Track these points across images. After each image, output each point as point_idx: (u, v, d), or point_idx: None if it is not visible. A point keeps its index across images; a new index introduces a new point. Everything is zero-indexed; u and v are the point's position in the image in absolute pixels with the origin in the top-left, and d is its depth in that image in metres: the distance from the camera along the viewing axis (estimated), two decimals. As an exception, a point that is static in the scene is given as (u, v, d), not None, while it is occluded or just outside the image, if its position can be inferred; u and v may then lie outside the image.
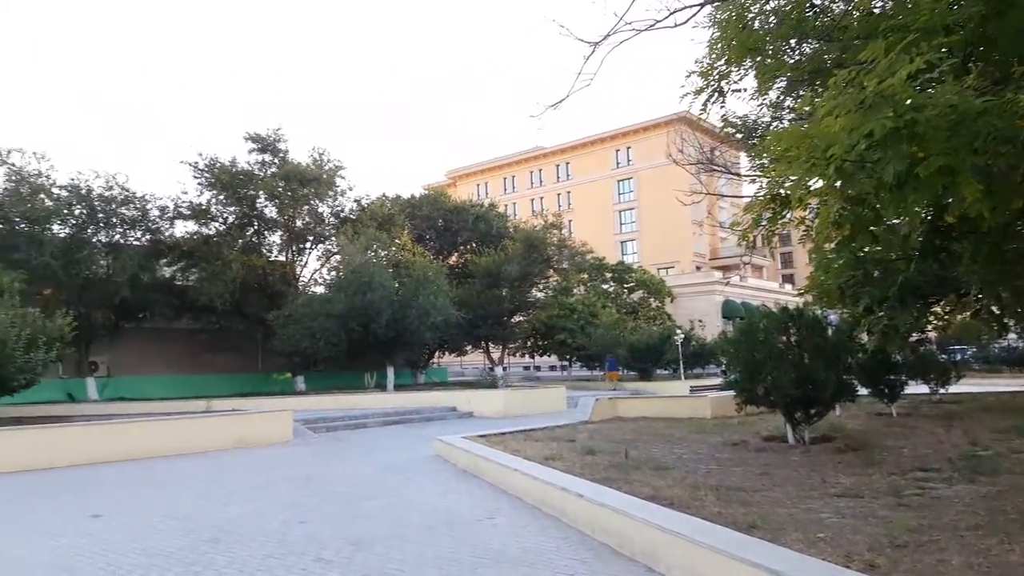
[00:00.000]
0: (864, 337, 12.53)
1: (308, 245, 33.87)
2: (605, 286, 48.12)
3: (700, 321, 51.30)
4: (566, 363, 47.33)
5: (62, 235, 27.19)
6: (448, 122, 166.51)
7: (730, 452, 11.44)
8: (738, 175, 18.55)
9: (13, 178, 26.29)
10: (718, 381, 31.57)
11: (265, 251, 32.80)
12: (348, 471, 12.05)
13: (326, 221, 33.70)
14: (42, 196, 26.54)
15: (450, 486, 10.22)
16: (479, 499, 9.14)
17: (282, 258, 33.28)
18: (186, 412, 19.45)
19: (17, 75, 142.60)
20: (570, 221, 67.54)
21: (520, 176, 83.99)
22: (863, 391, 14.99)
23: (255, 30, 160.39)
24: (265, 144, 31.60)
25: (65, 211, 27.08)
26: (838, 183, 5.29)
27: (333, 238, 32.61)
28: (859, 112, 4.95)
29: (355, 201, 34.66)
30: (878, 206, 5.81)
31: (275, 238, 33.42)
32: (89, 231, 27.94)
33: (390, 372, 29.78)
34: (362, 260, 27.41)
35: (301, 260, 34.07)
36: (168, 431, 15.69)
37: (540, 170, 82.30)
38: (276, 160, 31.57)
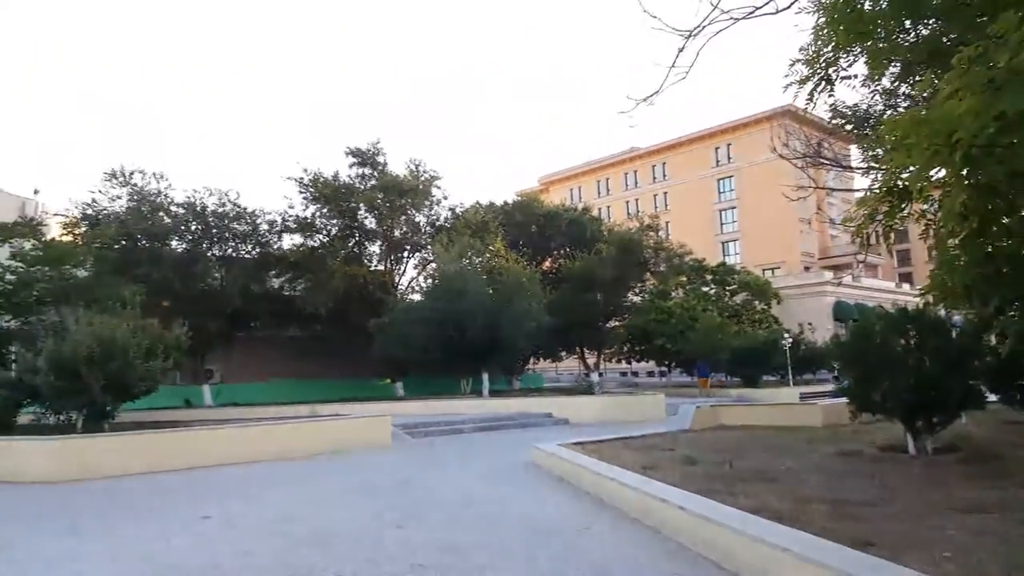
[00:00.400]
0: (993, 340, 11.51)
1: (405, 254, 34.76)
2: (706, 289, 46.69)
3: (809, 324, 48.90)
4: (664, 369, 46.28)
5: (179, 250, 29.05)
6: (539, 128, 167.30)
7: (843, 463, 10.76)
8: (849, 168, 17.51)
9: (135, 198, 28.32)
10: (829, 387, 30.00)
11: (366, 261, 33.91)
12: (445, 477, 12.13)
13: (422, 230, 34.48)
14: (161, 214, 28.46)
15: (546, 494, 10.09)
16: (576, 508, 8.98)
17: (381, 267, 34.30)
18: (292, 417, 20.27)
19: (135, 92, 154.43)
20: (667, 223, 66.15)
21: (614, 179, 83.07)
22: (992, 398, 13.77)
23: (354, 43, 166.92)
24: (365, 158, 32.70)
25: (182, 228, 28.95)
26: (964, 171, 4.81)
27: (429, 247, 33.31)
28: (988, 92, 4.47)
29: (450, 210, 35.31)
30: (1011, 195, 5.24)
31: (374, 248, 34.54)
32: (204, 246, 29.72)
33: (485, 378, 30.02)
34: (457, 267, 27.80)
35: (399, 269, 35.01)
36: (275, 435, 16.36)
37: (635, 172, 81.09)
38: (375, 173, 32.61)
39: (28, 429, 16.20)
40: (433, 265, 32.66)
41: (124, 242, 27.22)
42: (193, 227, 29.25)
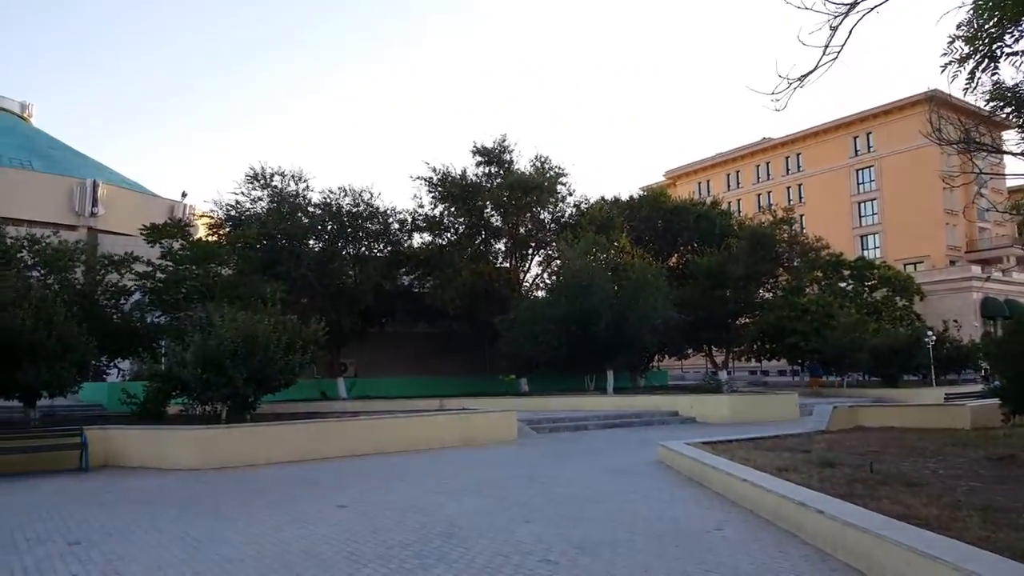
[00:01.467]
0: None
1: (530, 251, 34.84)
2: (842, 284, 43.67)
3: (955, 321, 44.82)
4: (797, 368, 43.74)
5: (316, 249, 30.54)
6: (665, 121, 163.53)
7: (996, 468, 9.74)
8: (1010, 153, 15.73)
9: (275, 199, 30.03)
10: (978, 388, 27.35)
11: (491, 258, 34.29)
12: (571, 473, 11.92)
13: (547, 227, 34.42)
14: (300, 215, 30.03)
15: (675, 493, 9.72)
16: (706, 508, 8.61)
17: (506, 264, 34.58)
18: (422, 411, 20.78)
19: (273, 94, 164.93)
20: (801, 216, 62.61)
21: (745, 171, 79.57)
22: None
23: (479, 41, 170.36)
24: (491, 156, 33.06)
25: (319, 227, 30.43)
26: None
27: (553, 243, 33.22)
28: None
29: (575, 206, 35.04)
30: None
31: (500, 245, 34.83)
32: (339, 244, 31.10)
33: (610, 375, 29.53)
34: (581, 264, 27.50)
35: (523, 266, 35.13)
36: (406, 428, 16.80)
37: (767, 163, 77.28)
38: (501, 171, 32.90)
39: (177, 419, 17.39)
40: (558, 262, 32.52)
41: (265, 241, 28.84)
42: (329, 227, 30.65)
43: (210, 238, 27.69)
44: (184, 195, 54.26)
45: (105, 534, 7.98)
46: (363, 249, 32.07)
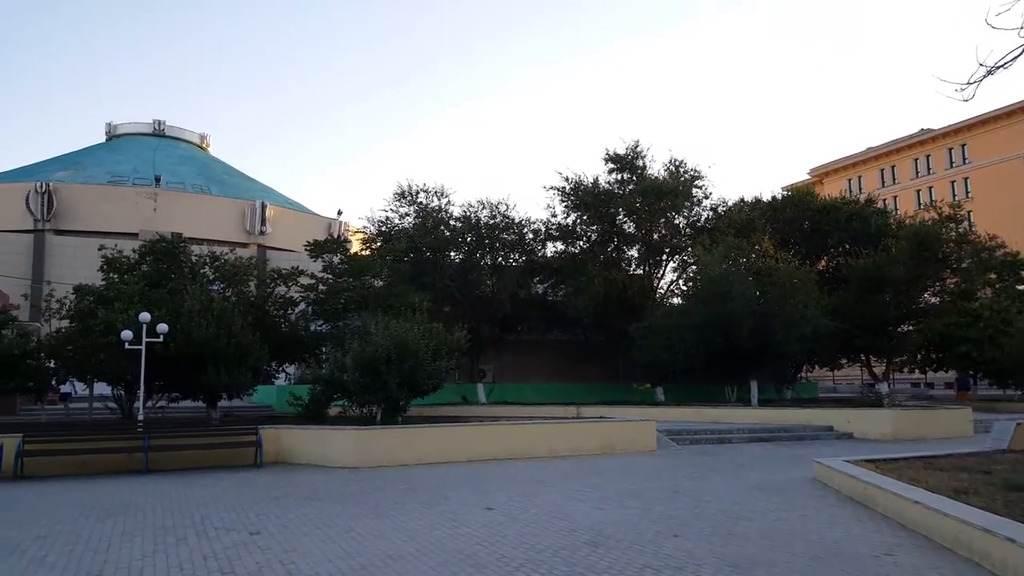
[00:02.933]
0: None
1: (664, 257, 34.22)
2: (1021, 287, 39.24)
3: None
4: (968, 379, 39.73)
5: (457, 260, 31.72)
6: (807, 118, 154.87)
7: None
8: None
9: (420, 215, 31.52)
10: None
11: (624, 265, 34.03)
12: (717, 487, 11.59)
13: (682, 232, 33.68)
14: (442, 228, 31.32)
15: (834, 513, 9.17)
16: (871, 531, 8.06)
17: (640, 271, 34.16)
18: (559, 418, 20.96)
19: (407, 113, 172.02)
20: (969, 212, 57.06)
21: (901, 165, 73.59)
22: None
23: (606, 48, 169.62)
24: (623, 163, 32.86)
25: (460, 240, 31.60)
26: None
27: (689, 248, 32.42)
28: None
29: (711, 209, 34.02)
30: None
31: (633, 252, 34.48)
32: (477, 255, 32.13)
33: (754, 386, 28.32)
34: (720, 269, 26.63)
35: (658, 272, 34.55)
36: (545, 434, 17.03)
37: (927, 156, 71.05)
38: (634, 177, 32.61)
39: (337, 420, 18.66)
40: (694, 268, 31.70)
41: (412, 254, 30.37)
42: (468, 239, 31.77)
43: (364, 252, 29.52)
44: (339, 213, 58.41)
45: (281, 526, 8.73)
46: (500, 259, 32.89)
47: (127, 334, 16.35)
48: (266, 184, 68.21)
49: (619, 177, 33.12)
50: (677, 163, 32.74)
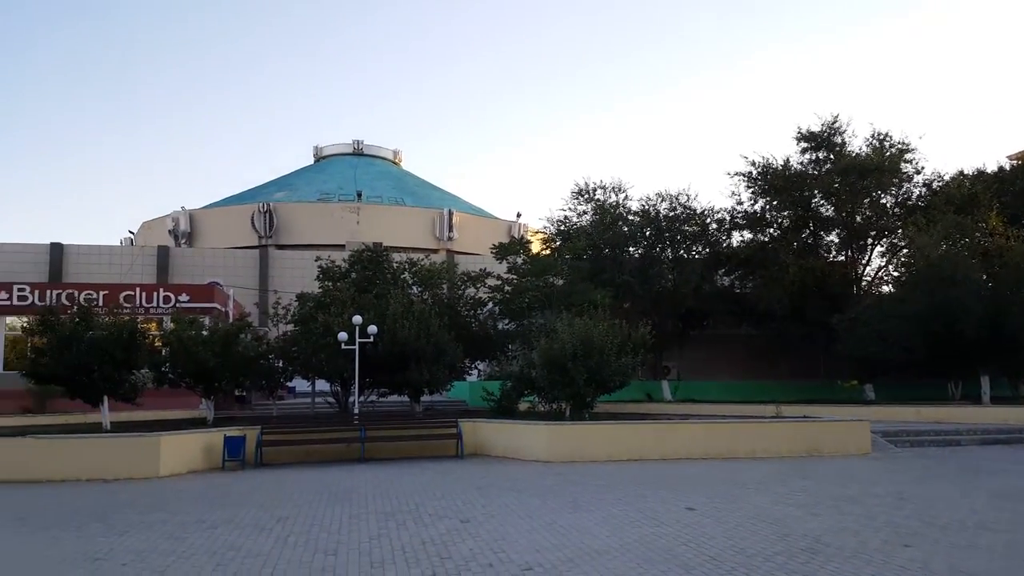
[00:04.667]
0: None
1: (869, 241, 31.31)
2: None
3: None
4: None
5: (636, 255, 31.29)
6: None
7: None
8: None
9: (598, 211, 31.48)
10: None
11: (822, 252, 31.65)
12: (950, 493, 10.42)
13: (890, 212, 30.63)
14: (620, 224, 31.06)
15: (1106, 532, 7.86)
16: None
17: (841, 258, 31.61)
18: (756, 417, 19.94)
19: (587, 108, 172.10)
20: None
21: None
22: None
23: (794, 24, 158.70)
24: (818, 141, 30.54)
25: (639, 234, 31.15)
26: None
27: (900, 230, 29.40)
28: None
29: (924, 185, 30.60)
30: None
31: (832, 237, 31.95)
32: (657, 249, 31.47)
33: (985, 381, 25.06)
34: (940, 252, 23.88)
35: (862, 258, 31.70)
36: (742, 434, 16.29)
37: None
38: (831, 155, 30.22)
39: (526, 415, 19.15)
40: (906, 251, 28.70)
41: (591, 252, 30.45)
42: (647, 233, 31.21)
43: (544, 252, 30.10)
44: (519, 215, 60.33)
45: (487, 515, 9.12)
46: (681, 252, 31.97)
47: (343, 335, 18.00)
48: (452, 193, 72.00)
49: (813, 156, 30.80)
50: (881, 136, 29.77)
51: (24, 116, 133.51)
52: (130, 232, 61.68)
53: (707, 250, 32.38)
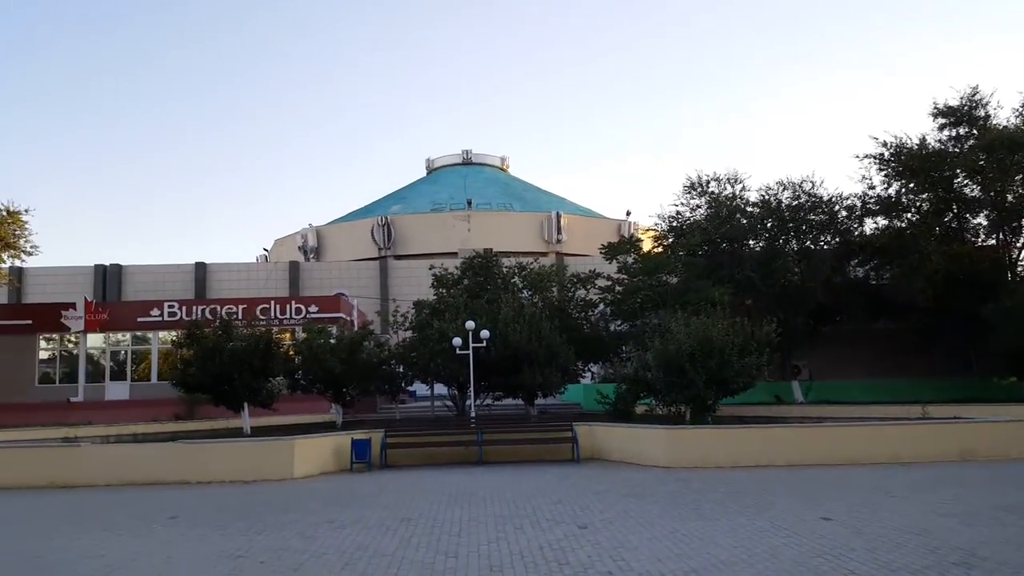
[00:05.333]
0: None
1: (1023, 222, 28.35)
2: None
3: None
4: None
5: (757, 249, 29.86)
6: None
7: None
8: None
9: (712, 205, 30.30)
10: None
11: (968, 237, 28.97)
12: None
13: (1050, 187, 27.62)
14: (738, 216, 29.75)
15: None
16: None
17: (991, 242, 28.81)
18: (897, 418, 18.48)
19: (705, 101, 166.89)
20: None
21: None
22: None
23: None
24: (959, 115, 28.01)
25: (758, 227, 29.71)
26: None
27: (1058, 208, 26.47)
28: None
29: (1086, 157, 27.39)
30: None
31: (979, 220, 29.18)
32: (780, 241, 29.88)
33: None
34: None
35: (1016, 241, 28.74)
36: (883, 437, 15.13)
37: None
38: (973, 130, 27.64)
39: (643, 418, 18.67)
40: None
41: (707, 247, 29.34)
42: (768, 224, 29.71)
43: (656, 250, 29.37)
44: (628, 213, 59.28)
45: (605, 521, 8.94)
46: (807, 243, 30.18)
47: (457, 340, 18.37)
48: (560, 195, 72.09)
49: (953, 133, 28.25)
50: (1030, 104, 26.93)
51: (169, 143, 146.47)
52: (264, 249, 66.16)
53: (836, 240, 30.42)
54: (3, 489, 13.53)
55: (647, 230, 36.72)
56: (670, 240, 30.43)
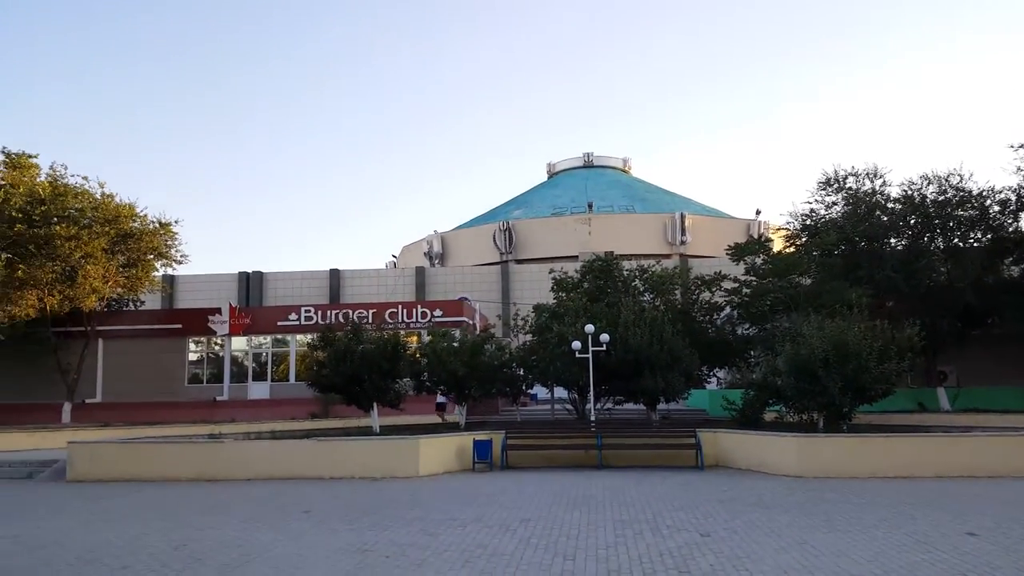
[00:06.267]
0: None
1: None
2: None
3: None
4: None
5: (899, 248, 27.86)
6: None
7: None
8: None
9: (850, 201, 28.56)
10: None
11: None
12: None
13: None
14: (878, 213, 27.88)
15: None
16: None
17: None
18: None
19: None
20: None
21: None
22: None
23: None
24: None
25: (900, 224, 27.72)
26: None
27: None
28: None
29: None
30: None
31: None
32: (925, 239, 27.75)
33: None
34: None
35: None
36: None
37: None
38: None
39: (772, 425, 17.92)
40: None
41: (843, 247, 27.72)
42: (912, 221, 27.67)
43: (787, 250, 28.11)
44: (758, 212, 57.15)
45: (729, 531, 8.69)
46: (955, 240, 27.84)
47: (576, 344, 18.43)
48: (684, 196, 70.49)
49: None
50: None
51: (306, 157, 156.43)
52: (393, 256, 69.19)
53: (988, 237, 27.88)
54: (157, 481, 14.94)
55: (778, 229, 35.18)
56: (803, 239, 29.01)
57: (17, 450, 19.97)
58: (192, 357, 34.18)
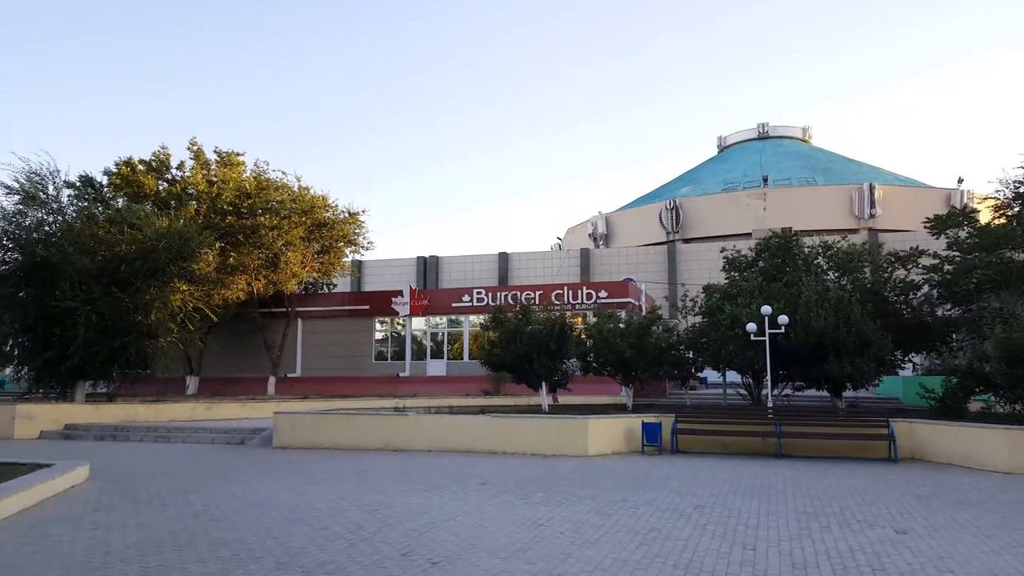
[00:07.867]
0: None
1: None
2: None
3: None
4: None
5: None
6: None
7: None
8: None
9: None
10: None
11: None
12: None
13: None
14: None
15: None
16: None
17: None
18: None
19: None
20: None
21: None
22: None
23: None
24: None
25: None
26: None
27: None
28: None
29: None
30: None
31: None
32: None
33: None
34: None
35: None
36: None
37: None
38: None
39: (977, 417, 16.10)
40: None
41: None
42: None
43: (997, 221, 24.88)
44: (960, 181, 51.20)
45: (929, 528, 7.94)
46: None
47: (751, 326, 17.53)
48: (874, 165, 64.64)
49: None
50: None
51: (478, 145, 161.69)
52: (558, 238, 69.89)
53: None
54: (349, 449, 16.29)
55: (984, 198, 31.21)
56: (1015, 209, 25.50)
57: (231, 419, 22.63)
58: (378, 336, 36.68)
